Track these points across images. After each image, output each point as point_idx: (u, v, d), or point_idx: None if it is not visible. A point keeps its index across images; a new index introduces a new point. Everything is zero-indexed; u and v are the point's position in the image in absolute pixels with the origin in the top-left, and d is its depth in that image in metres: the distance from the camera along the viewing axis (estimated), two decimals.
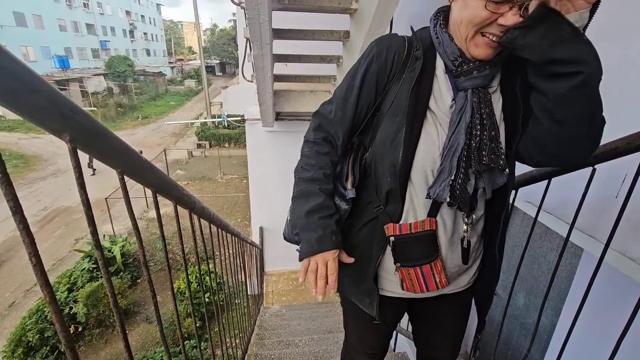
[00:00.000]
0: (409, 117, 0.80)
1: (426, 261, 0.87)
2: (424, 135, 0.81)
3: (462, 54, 0.77)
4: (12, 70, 0.34)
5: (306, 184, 0.91)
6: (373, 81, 0.85)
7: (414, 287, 0.90)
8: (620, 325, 0.94)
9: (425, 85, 0.81)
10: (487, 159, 0.77)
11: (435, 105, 0.81)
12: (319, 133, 0.93)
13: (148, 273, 0.69)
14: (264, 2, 2.03)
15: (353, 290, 1.00)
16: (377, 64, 0.84)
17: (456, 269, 0.92)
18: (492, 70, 0.78)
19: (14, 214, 0.37)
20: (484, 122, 0.77)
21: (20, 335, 5.25)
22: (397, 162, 0.82)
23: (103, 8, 29.23)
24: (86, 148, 0.48)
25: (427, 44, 0.82)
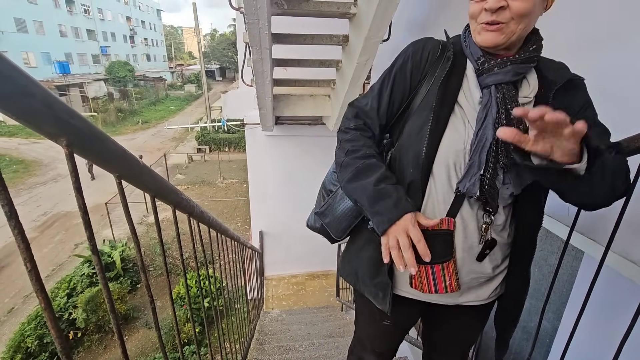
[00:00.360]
0: (435, 109, 0.83)
1: (438, 261, 0.85)
2: (450, 128, 0.83)
3: (484, 54, 0.81)
4: (6, 74, 0.34)
5: (362, 160, 0.88)
6: (407, 77, 0.90)
7: (422, 285, 0.88)
8: (622, 329, 0.93)
9: (454, 82, 0.84)
10: (515, 155, 0.76)
11: (465, 101, 0.84)
12: (358, 120, 0.96)
13: (146, 278, 0.69)
14: (263, 7, 2.04)
15: (367, 284, 0.99)
16: (412, 61, 0.90)
17: (474, 275, 0.90)
18: (515, 67, 0.78)
19: (9, 219, 0.37)
20: (510, 117, 0.78)
21: (19, 341, 5.22)
22: (421, 152, 0.84)
23: (104, 14, 29.41)
24: (83, 152, 0.47)
25: (458, 48, 0.87)
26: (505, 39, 0.75)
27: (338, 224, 1.04)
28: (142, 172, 0.64)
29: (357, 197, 0.87)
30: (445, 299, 0.95)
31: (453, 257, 0.85)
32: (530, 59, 0.79)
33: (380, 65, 3.94)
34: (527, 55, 0.78)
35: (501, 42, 0.76)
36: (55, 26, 23.44)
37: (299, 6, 2.34)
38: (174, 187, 0.84)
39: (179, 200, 0.87)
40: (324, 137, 5.15)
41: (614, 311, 1.36)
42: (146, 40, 38.02)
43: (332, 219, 1.05)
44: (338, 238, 1.08)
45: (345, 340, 3.24)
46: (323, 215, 1.08)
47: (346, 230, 1.04)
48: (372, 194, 0.83)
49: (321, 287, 5.96)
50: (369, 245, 0.98)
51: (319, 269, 6.19)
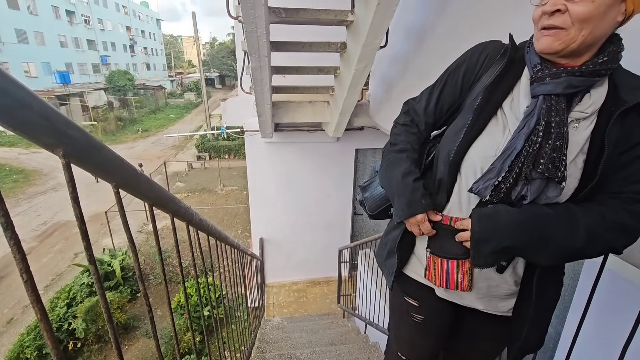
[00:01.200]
0: (475, 112, 0.83)
1: (454, 257, 0.89)
2: (486, 133, 0.83)
3: (542, 62, 0.77)
4: (3, 87, 0.34)
5: (394, 154, 0.98)
6: (459, 79, 0.91)
7: (435, 277, 0.93)
8: (625, 332, 0.92)
9: (504, 87, 0.83)
10: (543, 167, 0.74)
11: (509, 108, 0.82)
12: (407, 116, 1.02)
13: (143, 287, 0.68)
14: (261, 16, 2.06)
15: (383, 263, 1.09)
16: (467, 64, 0.91)
17: (493, 284, 0.89)
18: (570, 79, 0.72)
19: (4, 230, 0.37)
20: (550, 130, 0.74)
21: (18, 353, 5.17)
22: (451, 152, 0.86)
23: (104, 24, 29.67)
24: (80, 162, 0.47)
25: (520, 55, 0.84)
26: (562, 45, 0.70)
27: (373, 201, 1.16)
28: (139, 180, 0.64)
29: (384, 186, 1.04)
30: (462, 300, 0.96)
31: (469, 256, 0.86)
32: (594, 72, 0.71)
33: (378, 72, 3.97)
34: (591, 67, 0.71)
35: (557, 48, 0.70)
36: (56, 36, 23.63)
37: (297, 14, 2.36)
38: (172, 195, 0.84)
39: (177, 209, 0.87)
40: (323, 144, 5.16)
41: (617, 315, 1.35)
42: (146, 49, 38.30)
43: (370, 195, 1.18)
44: (371, 213, 1.18)
45: (347, 348, 3.20)
46: (364, 189, 1.22)
47: (378, 209, 1.15)
48: (394, 188, 0.95)
49: (322, 294, 5.92)
50: (397, 228, 1.04)
51: (320, 275, 6.16)
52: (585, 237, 0.73)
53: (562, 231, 0.75)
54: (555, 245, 0.76)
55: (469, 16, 2.11)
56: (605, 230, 0.73)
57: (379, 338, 3.39)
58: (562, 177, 0.73)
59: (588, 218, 0.74)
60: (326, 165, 5.38)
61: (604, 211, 0.74)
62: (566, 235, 0.74)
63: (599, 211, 0.75)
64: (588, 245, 0.74)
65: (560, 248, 0.76)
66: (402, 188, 0.92)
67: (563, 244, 0.75)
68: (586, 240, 0.73)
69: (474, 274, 0.89)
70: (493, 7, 1.88)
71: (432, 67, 2.61)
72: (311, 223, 5.72)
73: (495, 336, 1.04)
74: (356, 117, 4.41)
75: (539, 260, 0.80)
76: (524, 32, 0.87)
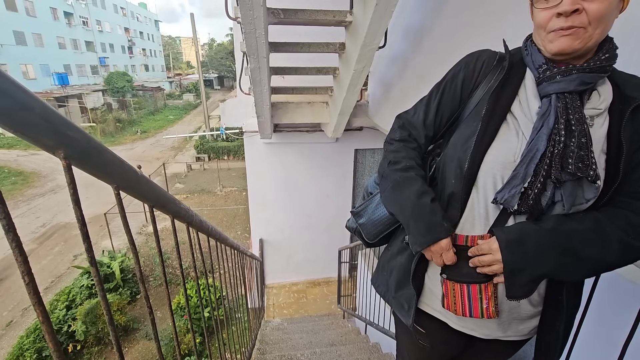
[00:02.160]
0: (484, 119, 0.79)
1: (476, 280, 0.80)
2: (499, 139, 0.78)
3: (547, 62, 0.76)
4: (4, 89, 0.34)
5: (400, 173, 0.88)
6: (458, 88, 0.88)
7: (455, 306, 0.82)
8: (625, 331, 0.93)
9: (508, 91, 0.80)
10: (573, 167, 0.70)
11: (520, 111, 0.79)
12: (404, 131, 0.94)
13: (144, 289, 0.68)
14: (259, 17, 2.06)
15: (393, 296, 0.96)
16: (464, 72, 0.87)
17: (514, 305, 0.82)
18: (582, 76, 0.72)
19: (6, 232, 0.37)
20: (571, 127, 0.71)
21: (17, 355, 5.15)
22: (464, 163, 0.80)
23: (102, 25, 29.64)
24: (81, 164, 0.47)
25: (518, 58, 0.83)
26: (581, 44, 0.69)
27: (372, 227, 1.04)
28: (140, 182, 0.64)
29: (394, 211, 0.89)
30: (481, 330, 0.87)
31: (492, 278, 0.79)
32: (601, 68, 0.71)
33: (376, 72, 3.97)
34: (597, 64, 0.71)
35: (577, 47, 0.69)
36: (54, 38, 23.60)
37: (296, 15, 2.36)
38: (172, 196, 0.84)
39: (178, 210, 0.87)
40: (322, 144, 5.17)
41: (617, 314, 1.35)
42: (144, 50, 38.28)
43: (367, 221, 1.06)
44: (370, 241, 1.07)
45: (347, 349, 3.20)
46: (358, 215, 1.09)
47: (379, 235, 1.04)
48: (409, 211, 0.83)
49: (322, 295, 5.92)
50: (402, 254, 0.94)
51: (320, 276, 6.16)
52: (619, 250, 0.71)
53: (595, 249, 0.71)
54: (591, 264, 0.73)
55: (466, 17, 2.11)
56: (636, 238, 0.71)
57: (379, 338, 3.39)
58: (594, 175, 0.70)
59: (617, 229, 0.71)
60: (325, 165, 5.38)
61: (629, 216, 0.72)
62: (599, 252, 0.71)
63: (624, 217, 0.72)
64: (621, 257, 0.72)
65: (594, 265, 0.73)
66: (419, 210, 0.82)
67: (598, 261, 0.72)
68: (619, 253, 0.71)
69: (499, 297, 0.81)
70: (489, 8, 1.89)
71: (430, 67, 2.62)
72: (311, 224, 5.72)
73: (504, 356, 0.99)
74: (355, 117, 4.42)
75: (571, 279, 0.76)
76: (521, 32, 0.87)
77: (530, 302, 0.83)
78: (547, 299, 0.84)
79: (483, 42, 1.02)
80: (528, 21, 0.79)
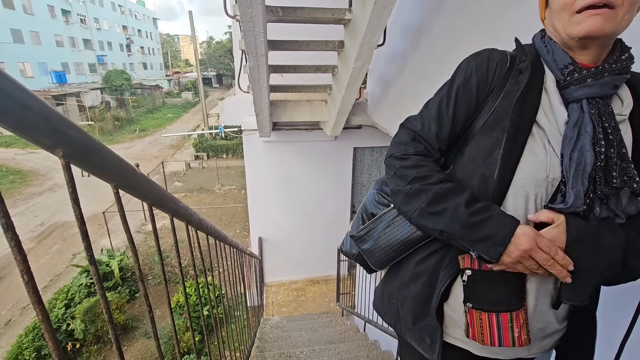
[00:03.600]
0: (510, 131, 0.70)
1: (506, 309, 0.71)
2: (528, 154, 0.70)
3: (573, 62, 0.68)
4: (3, 87, 0.34)
5: (439, 185, 0.75)
6: (473, 94, 0.78)
7: (483, 336, 0.73)
8: (622, 328, 0.93)
9: (533, 98, 0.72)
10: (618, 180, 0.64)
11: (546, 120, 0.71)
12: (418, 144, 0.82)
13: (144, 287, 0.68)
14: (258, 15, 2.06)
15: (410, 327, 0.85)
16: (476, 76, 0.77)
17: (541, 325, 0.76)
18: (612, 79, 0.66)
19: (5, 231, 0.37)
20: (609, 137, 0.65)
21: (16, 354, 5.15)
22: (491, 180, 0.71)
23: (100, 23, 29.54)
24: (80, 163, 0.47)
25: (533, 58, 0.74)
26: (612, 27, 0.61)
27: (381, 254, 0.89)
28: (139, 181, 0.64)
29: (442, 227, 0.72)
30: (506, 353, 0.79)
31: (524, 305, 0.72)
32: (626, 69, 0.67)
33: (375, 70, 3.97)
34: (622, 64, 0.66)
35: (608, 30, 0.62)
36: (52, 36, 23.51)
37: (294, 13, 2.36)
38: (171, 195, 0.84)
39: (177, 208, 0.87)
40: (321, 142, 5.16)
41: (614, 312, 1.36)
42: (143, 48, 38.15)
43: (374, 246, 0.90)
44: (378, 269, 0.94)
45: (346, 346, 3.21)
46: (361, 240, 0.92)
47: (390, 262, 0.90)
48: (467, 219, 0.69)
49: (321, 293, 5.93)
50: (416, 282, 0.83)
51: (319, 274, 6.17)
52: None
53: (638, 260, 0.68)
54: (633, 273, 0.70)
55: (465, 15, 2.11)
56: None
57: (378, 336, 3.40)
58: (639, 188, 0.65)
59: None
60: (324, 164, 5.38)
61: None
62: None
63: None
64: None
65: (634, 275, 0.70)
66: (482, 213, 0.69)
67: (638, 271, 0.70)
68: None
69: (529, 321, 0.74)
70: (488, 6, 1.89)
71: (429, 65, 2.62)
72: (310, 222, 5.72)
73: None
74: (354, 115, 4.42)
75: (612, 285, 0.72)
76: (520, 30, 0.86)
77: (557, 319, 0.77)
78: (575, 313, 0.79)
79: (482, 41, 1.02)
80: (528, 19, 0.77)
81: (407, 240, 0.85)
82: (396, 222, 0.87)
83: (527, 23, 0.78)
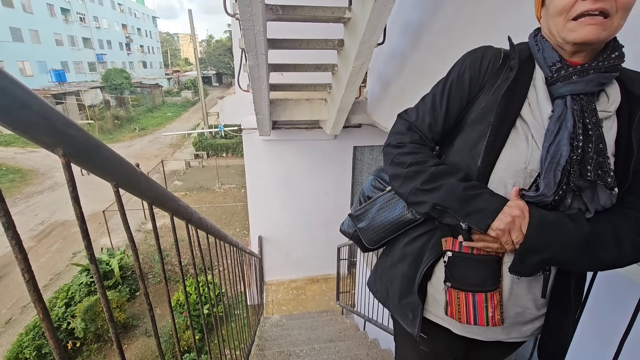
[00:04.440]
0: (494, 124, 0.75)
1: (482, 289, 0.77)
2: (509, 146, 0.75)
3: (561, 60, 0.72)
4: (2, 86, 0.34)
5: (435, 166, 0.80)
6: (465, 89, 0.83)
7: (459, 314, 0.80)
8: (622, 327, 0.93)
9: (519, 94, 0.76)
10: (592, 174, 0.68)
11: (530, 115, 0.75)
12: (413, 133, 0.88)
13: (144, 286, 0.69)
14: (258, 13, 2.06)
15: (396, 304, 0.93)
16: (469, 72, 0.82)
17: (519, 309, 0.81)
18: (598, 77, 0.69)
19: (6, 230, 0.37)
20: (588, 132, 0.69)
21: (17, 353, 5.16)
22: (474, 170, 0.77)
23: (99, 22, 29.48)
24: (80, 162, 0.47)
25: (525, 55, 0.78)
26: (606, 34, 0.64)
27: (374, 232, 0.99)
28: (139, 179, 0.64)
29: (437, 200, 0.77)
30: (485, 334, 0.85)
31: (499, 287, 0.78)
32: (614, 67, 0.69)
33: (375, 69, 3.96)
34: (610, 63, 0.68)
35: (603, 37, 0.65)
36: (51, 35, 23.46)
37: (294, 12, 2.36)
38: (171, 194, 0.84)
39: (177, 207, 0.87)
40: (321, 141, 5.16)
41: (613, 310, 1.36)
42: (142, 47, 38.09)
43: (368, 225, 1.01)
44: (371, 247, 1.03)
45: (346, 344, 3.22)
46: (357, 219, 1.03)
47: (381, 241, 1.00)
48: (462, 192, 0.74)
49: (321, 292, 5.94)
50: (403, 262, 0.91)
51: (319, 273, 6.18)
52: (631, 252, 0.71)
53: (611, 252, 0.71)
54: (604, 264, 0.72)
55: (465, 13, 2.11)
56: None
57: (378, 334, 3.41)
58: (612, 182, 0.68)
59: (630, 231, 0.71)
60: (324, 163, 5.38)
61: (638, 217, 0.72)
62: (615, 256, 0.71)
63: (635, 219, 0.72)
64: (632, 258, 0.72)
65: (607, 265, 0.73)
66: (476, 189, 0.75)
67: (611, 264, 0.72)
68: (631, 254, 0.71)
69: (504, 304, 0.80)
70: (488, 5, 1.88)
71: (429, 64, 2.62)
72: (310, 221, 5.72)
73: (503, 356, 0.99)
74: (354, 114, 4.42)
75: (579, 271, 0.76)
76: (520, 28, 0.86)
77: (535, 305, 0.82)
78: (553, 299, 0.83)
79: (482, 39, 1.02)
80: (526, 17, 0.78)
81: (397, 221, 0.94)
82: (389, 205, 0.97)
83: (526, 21, 0.78)
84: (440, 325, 0.90)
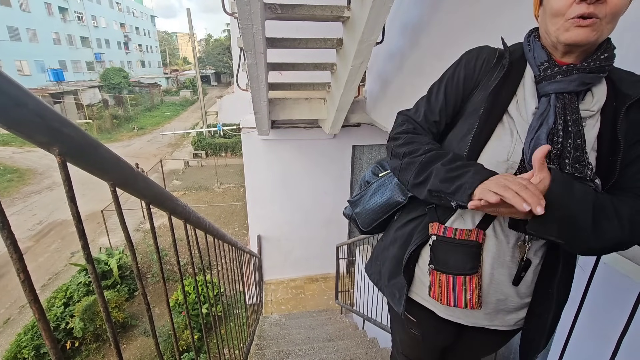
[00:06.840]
0: (482, 118, 0.80)
1: (461, 273, 0.82)
2: (494, 139, 0.79)
3: (549, 59, 0.75)
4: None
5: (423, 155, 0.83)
6: (460, 86, 0.87)
7: (441, 296, 0.85)
8: (620, 325, 0.94)
9: (508, 90, 0.80)
10: (570, 167, 0.71)
11: (516, 111, 0.79)
12: (409, 124, 0.93)
13: (142, 286, 0.68)
14: (256, 12, 2.05)
15: (386, 285, 1.00)
16: (464, 70, 0.87)
17: (501, 297, 0.84)
18: (582, 76, 0.72)
19: (1, 230, 0.36)
20: (568, 129, 0.73)
21: (15, 353, 5.15)
22: None
23: (97, 21, 29.37)
24: (76, 161, 0.47)
25: (518, 55, 0.82)
26: (596, 36, 0.67)
27: (366, 216, 1.09)
28: (136, 179, 0.64)
29: (431, 187, 0.79)
30: (467, 319, 0.89)
31: (478, 271, 0.81)
32: (600, 68, 0.72)
33: (374, 68, 3.96)
34: (597, 64, 0.71)
35: (592, 39, 0.68)
36: (49, 34, 23.35)
37: (293, 10, 2.35)
38: (169, 193, 0.84)
39: (175, 207, 0.87)
40: (320, 140, 5.16)
41: (612, 309, 1.36)
42: (140, 46, 37.98)
43: (362, 210, 1.11)
44: (364, 229, 1.12)
45: (345, 344, 3.22)
46: (354, 204, 1.15)
47: (372, 224, 1.09)
48: (446, 174, 0.76)
49: (320, 291, 5.94)
50: (394, 245, 0.98)
51: (318, 272, 6.18)
52: (629, 229, 0.69)
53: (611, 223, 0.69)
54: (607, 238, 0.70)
55: (464, 13, 2.11)
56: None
57: (376, 333, 3.41)
58: (592, 175, 0.71)
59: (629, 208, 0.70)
60: (323, 162, 5.38)
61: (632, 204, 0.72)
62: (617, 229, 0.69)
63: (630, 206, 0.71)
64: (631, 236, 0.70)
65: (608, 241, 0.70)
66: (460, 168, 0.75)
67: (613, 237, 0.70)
68: (630, 231, 0.69)
69: (483, 290, 0.83)
70: (487, 4, 1.88)
71: (428, 63, 2.61)
72: (309, 220, 5.72)
73: (493, 348, 1.04)
74: (353, 113, 4.41)
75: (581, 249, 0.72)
76: (519, 28, 0.87)
77: (518, 294, 0.85)
78: (537, 292, 0.85)
79: (481, 38, 1.02)
80: (525, 17, 0.78)
81: (386, 204, 1.04)
82: (380, 189, 1.08)
83: (526, 20, 0.79)
84: (429, 309, 0.95)
